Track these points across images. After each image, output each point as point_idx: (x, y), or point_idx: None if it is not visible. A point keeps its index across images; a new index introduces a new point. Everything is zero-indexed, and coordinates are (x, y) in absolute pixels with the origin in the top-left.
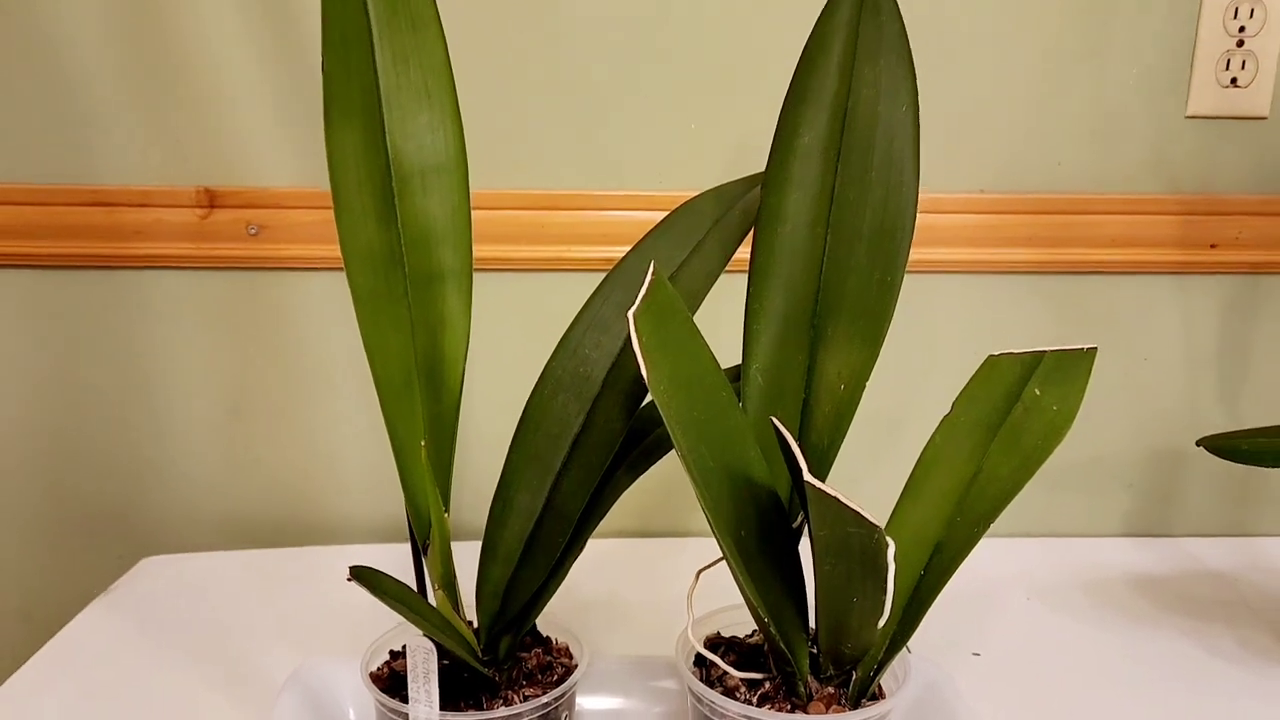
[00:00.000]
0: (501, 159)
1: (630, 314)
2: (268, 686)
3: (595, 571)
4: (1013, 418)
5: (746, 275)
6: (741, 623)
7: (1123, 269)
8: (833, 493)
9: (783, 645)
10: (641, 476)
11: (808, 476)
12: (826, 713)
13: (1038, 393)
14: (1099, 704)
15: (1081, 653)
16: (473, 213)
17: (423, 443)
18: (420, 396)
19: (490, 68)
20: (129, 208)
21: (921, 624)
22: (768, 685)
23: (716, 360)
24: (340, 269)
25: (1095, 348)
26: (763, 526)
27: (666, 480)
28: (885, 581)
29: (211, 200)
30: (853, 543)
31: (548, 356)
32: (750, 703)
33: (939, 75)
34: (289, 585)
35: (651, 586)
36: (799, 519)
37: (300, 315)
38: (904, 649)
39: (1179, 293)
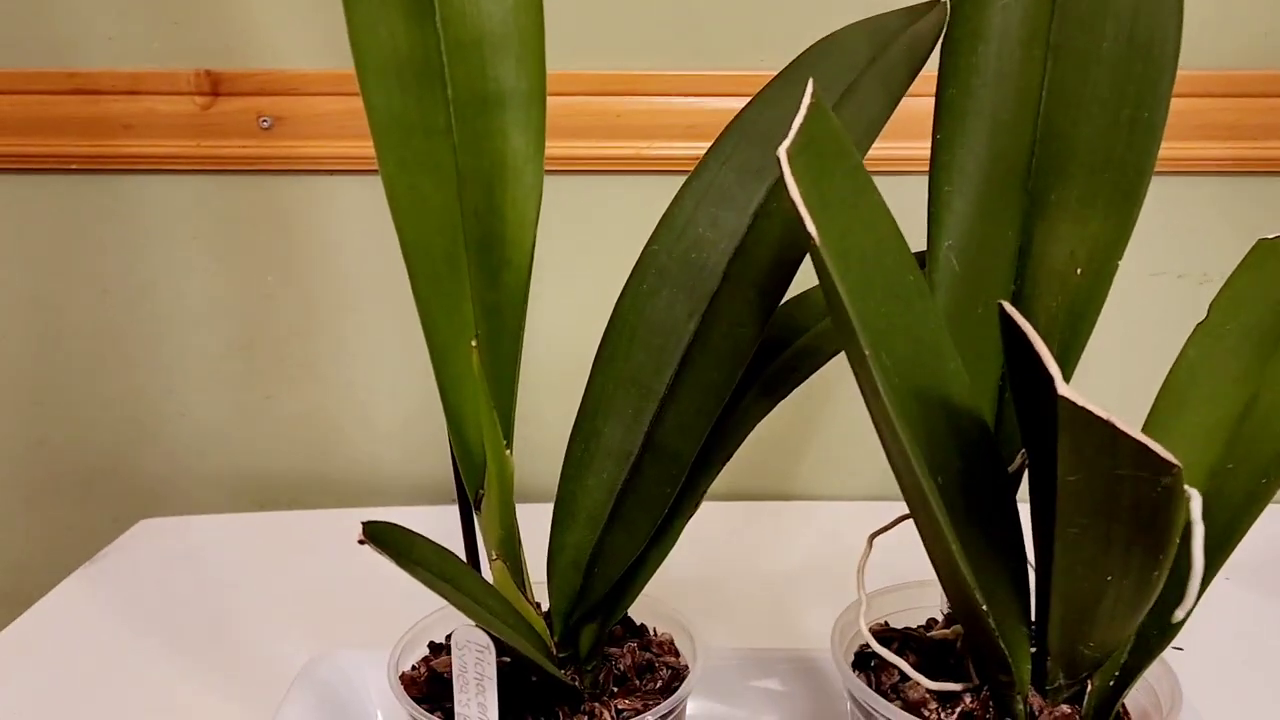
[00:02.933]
0: (565, 32)
1: (782, 151)
2: (277, 680)
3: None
4: None
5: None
6: (912, 609)
7: None
8: (1103, 414)
9: (1000, 642)
10: None
11: (1063, 388)
12: None
13: None
14: None
15: None
16: None
17: (474, 342)
18: (470, 277)
19: None
20: (115, 96)
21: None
22: (969, 700)
23: (899, 228)
24: (375, 172)
25: None
26: (968, 469)
27: (762, 429)
28: (1169, 549)
29: (214, 85)
30: (1123, 491)
31: (622, 280)
32: None
33: None
34: (310, 554)
35: (748, 561)
36: (1018, 460)
37: (324, 228)
38: (1161, 656)
39: None
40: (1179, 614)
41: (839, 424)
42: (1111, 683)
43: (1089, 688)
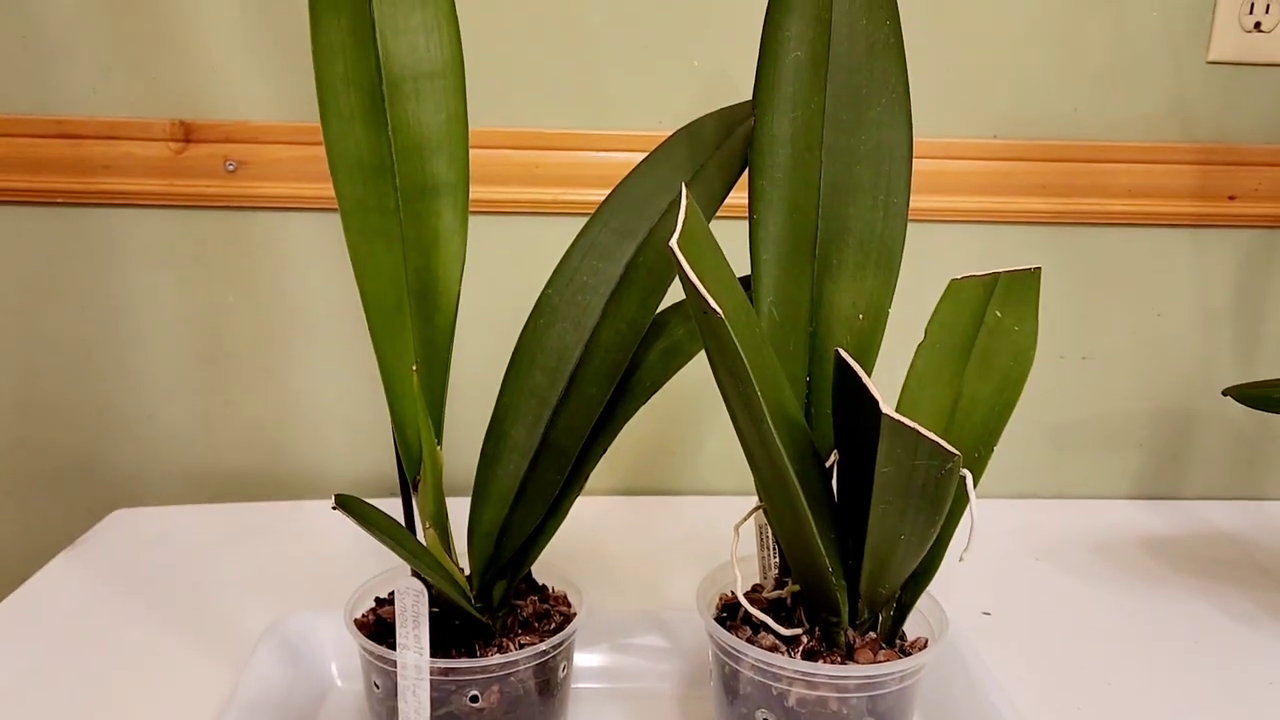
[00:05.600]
0: (493, 96)
1: (673, 244)
2: (244, 641)
3: (582, 528)
4: (980, 340)
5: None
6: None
7: (1137, 220)
8: (912, 425)
9: (838, 593)
10: (627, 437)
11: (885, 409)
12: (876, 659)
13: (999, 314)
14: (1114, 665)
15: (1094, 614)
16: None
17: (414, 367)
18: (411, 319)
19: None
20: (97, 140)
21: (931, 583)
22: (806, 639)
23: (743, 290)
24: (323, 209)
25: (1040, 268)
26: (804, 468)
27: (652, 439)
28: (944, 513)
29: (186, 134)
30: (918, 477)
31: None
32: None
33: (952, 15)
34: (265, 539)
35: (637, 543)
36: (830, 459)
37: (280, 258)
38: (926, 591)
39: (1195, 246)
40: (965, 556)
41: (710, 437)
42: (892, 612)
43: (879, 620)
